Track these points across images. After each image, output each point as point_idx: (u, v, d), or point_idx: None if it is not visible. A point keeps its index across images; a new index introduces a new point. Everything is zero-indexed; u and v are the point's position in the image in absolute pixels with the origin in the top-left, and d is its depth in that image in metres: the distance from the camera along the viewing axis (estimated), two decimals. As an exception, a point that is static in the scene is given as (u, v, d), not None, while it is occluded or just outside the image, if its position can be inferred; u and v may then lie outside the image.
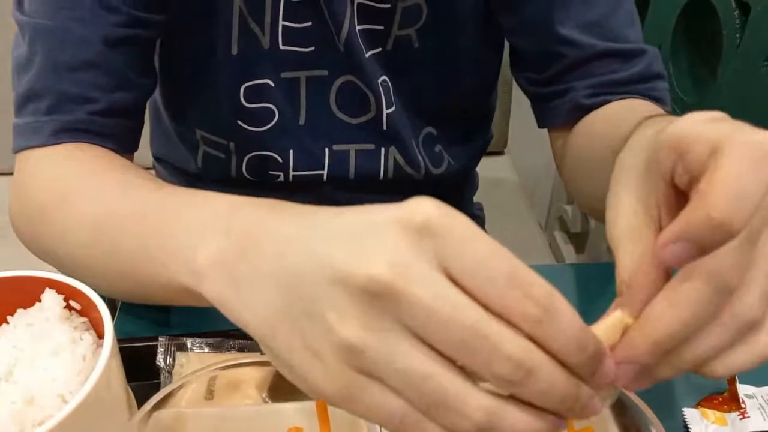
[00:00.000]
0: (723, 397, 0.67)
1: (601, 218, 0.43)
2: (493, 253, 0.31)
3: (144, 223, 0.50)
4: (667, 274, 0.36)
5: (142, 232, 0.49)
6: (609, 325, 0.37)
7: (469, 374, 0.32)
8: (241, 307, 0.36)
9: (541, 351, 0.32)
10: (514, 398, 0.33)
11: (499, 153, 1.61)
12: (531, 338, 0.32)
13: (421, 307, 0.31)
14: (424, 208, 0.31)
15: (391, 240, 0.31)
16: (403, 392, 0.32)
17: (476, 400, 0.32)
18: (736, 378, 0.66)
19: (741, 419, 0.63)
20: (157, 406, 0.61)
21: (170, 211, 0.47)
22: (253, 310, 0.35)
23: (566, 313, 0.32)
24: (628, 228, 0.38)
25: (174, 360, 0.68)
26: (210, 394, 0.64)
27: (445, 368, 0.32)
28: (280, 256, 0.35)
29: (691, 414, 0.65)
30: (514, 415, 0.32)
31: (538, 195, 1.95)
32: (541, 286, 0.32)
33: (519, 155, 1.64)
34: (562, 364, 0.32)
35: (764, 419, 0.63)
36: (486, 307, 0.32)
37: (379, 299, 0.31)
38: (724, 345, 0.35)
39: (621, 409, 0.58)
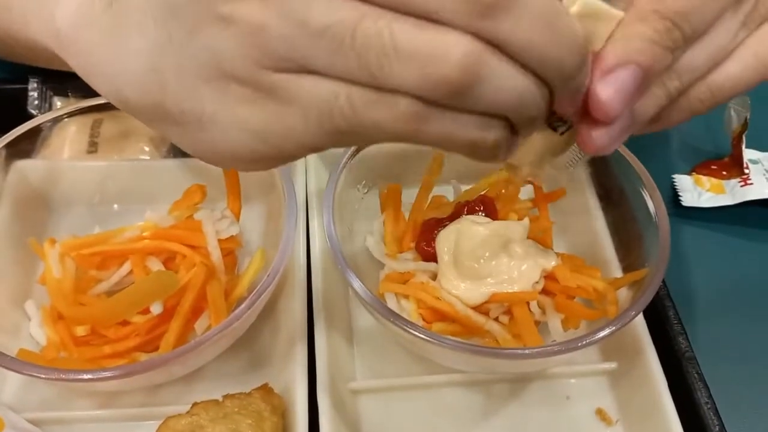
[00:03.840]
0: (722, 162, 0.57)
1: None
2: None
3: None
4: None
5: None
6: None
7: None
8: (116, 69, 0.28)
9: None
10: None
11: None
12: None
13: None
14: None
15: None
16: (337, 61, 0.23)
17: (446, 36, 0.22)
18: (743, 139, 0.56)
19: (742, 186, 0.54)
20: (23, 154, 0.50)
21: None
22: (126, 66, 0.28)
23: None
24: None
25: (50, 106, 0.56)
26: (93, 146, 0.53)
27: (381, 8, 0.23)
28: None
29: (682, 181, 0.56)
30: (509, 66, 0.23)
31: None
32: None
33: None
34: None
35: (769, 186, 0.54)
36: None
37: None
38: (730, 42, 0.28)
39: (601, 166, 0.49)
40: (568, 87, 0.24)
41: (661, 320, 0.46)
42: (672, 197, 0.56)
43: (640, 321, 0.45)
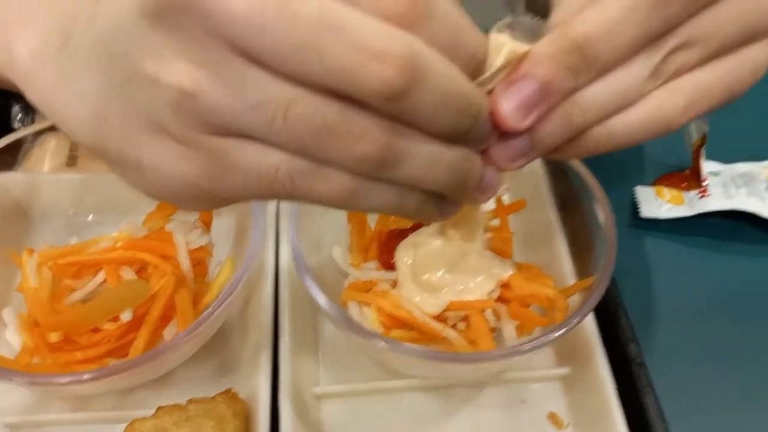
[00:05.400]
0: (683, 174, 0.59)
1: None
2: None
3: None
4: None
5: None
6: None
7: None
8: (66, 108, 0.30)
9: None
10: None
11: None
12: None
13: (234, 6, 0.23)
14: None
15: None
16: (271, 136, 0.25)
17: (368, 118, 0.24)
18: (702, 152, 0.58)
19: (700, 198, 0.56)
20: (5, 166, 0.52)
21: None
22: (77, 106, 0.29)
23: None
24: None
25: (33, 120, 0.58)
26: (72, 160, 0.55)
27: (310, 90, 0.24)
28: (92, 22, 0.28)
29: (643, 192, 0.58)
30: (427, 140, 0.26)
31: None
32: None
33: None
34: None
35: (727, 197, 0.56)
36: None
37: (185, 16, 0.23)
38: (636, 88, 0.29)
39: (560, 179, 0.51)
40: (468, 142, 0.27)
41: (614, 327, 0.48)
42: (633, 208, 0.58)
43: (592, 328, 0.47)
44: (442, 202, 0.29)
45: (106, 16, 0.27)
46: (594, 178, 0.47)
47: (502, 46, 0.27)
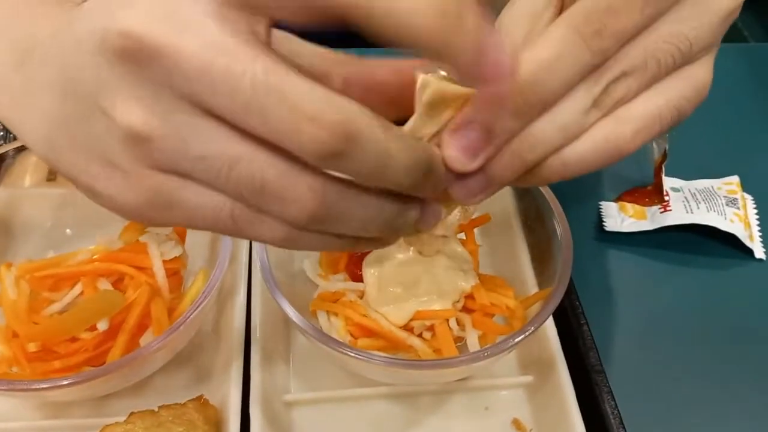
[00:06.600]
0: (645, 190, 0.62)
1: None
2: None
3: None
4: None
5: None
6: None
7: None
8: (23, 126, 0.32)
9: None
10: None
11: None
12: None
13: (189, 63, 0.25)
14: None
15: None
16: (215, 184, 0.27)
17: (304, 181, 0.26)
18: (663, 168, 0.60)
19: (662, 212, 0.59)
20: (-16, 184, 0.54)
21: None
22: (33, 127, 0.31)
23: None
24: (526, 11, 0.32)
25: (14, 136, 0.59)
26: (52, 175, 0.57)
27: (255, 147, 0.26)
28: (52, 47, 0.29)
29: (607, 207, 0.61)
30: (360, 201, 0.28)
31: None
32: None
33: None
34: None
35: (687, 212, 0.58)
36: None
37: (144, 64, 0.25)
38: (581, 120, 0.29)
39: (524, 197, 0.53)
40: (419, 192, 0.28)
41: (575, 337, 0.50)
42: (598, 222, 0.60)
43: (553, 337, 0.49)
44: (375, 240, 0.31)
45: (69, 45, 0.28)
46: (553, 195, 0.49)
47: (428, 84, 0.28)
